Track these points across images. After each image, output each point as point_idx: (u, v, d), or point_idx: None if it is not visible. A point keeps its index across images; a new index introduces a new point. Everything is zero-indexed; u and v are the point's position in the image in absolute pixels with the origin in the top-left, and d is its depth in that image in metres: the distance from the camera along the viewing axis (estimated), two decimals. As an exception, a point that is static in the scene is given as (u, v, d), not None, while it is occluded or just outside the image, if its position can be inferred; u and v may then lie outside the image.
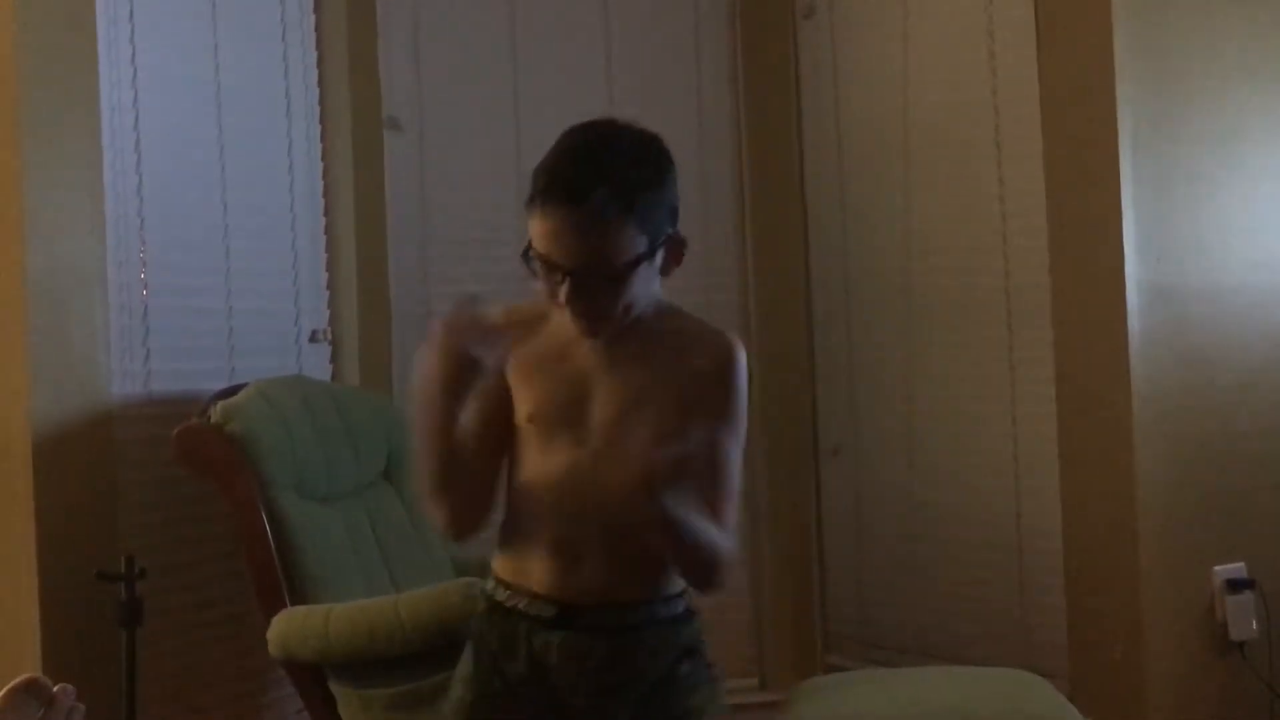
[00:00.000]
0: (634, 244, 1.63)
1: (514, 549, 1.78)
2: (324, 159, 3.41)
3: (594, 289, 1.63)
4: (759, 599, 3.78)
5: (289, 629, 2.58)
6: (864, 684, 2.92)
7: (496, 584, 1.79)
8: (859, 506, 3.63)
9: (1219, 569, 3.13)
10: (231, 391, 2.83)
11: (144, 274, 2.90)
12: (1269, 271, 3.24)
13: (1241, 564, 3.14)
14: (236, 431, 2.70)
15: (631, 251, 1.63)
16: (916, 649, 3.48)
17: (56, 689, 1.24)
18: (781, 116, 3.80)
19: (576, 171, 1.62)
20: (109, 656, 2.50)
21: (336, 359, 3.42)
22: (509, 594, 1.76)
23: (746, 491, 2.24)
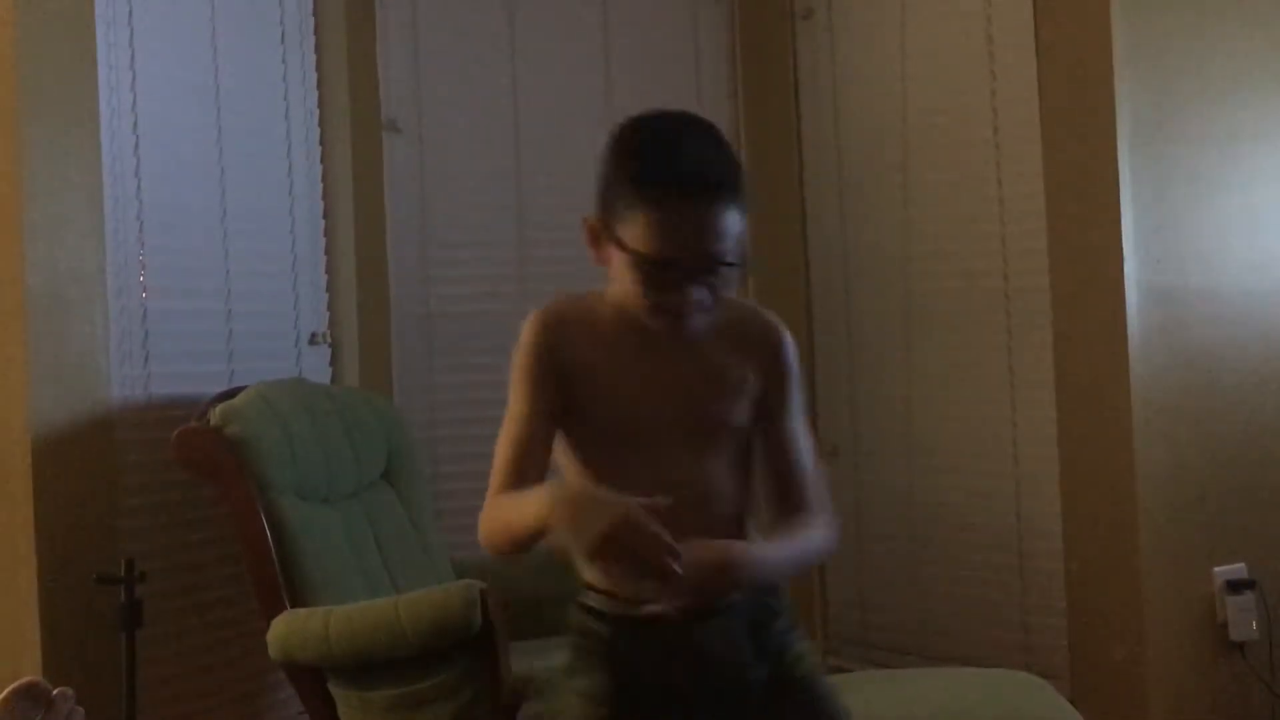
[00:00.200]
0: (742, 230, 1.59)
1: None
2: (323, 161, 3.41)
3: (710, 283, 1.58)
4: (759, 600, 3.77)
5: (289, 631, 2.58)
6: (864, 685, 2.91)
7: (611, 599, 1.66)
8: (859, 507, 3.62)
9: (1219, 570, 3.12)
10: (231, 394, 2.83)
11: (143, 277, 2.90)
12: (1269, 272, 3.24)
13: (1242, 565, 3.14)
14: (236, 434, 2.70)
15: (742, 238, 1.59)
16: (916, 650, 3.48)
17: (56, 692, 1.24)
18: (780, 118, 3.80)
19: (698, 165, 1.56)
20: (109, 659, 2.50)
21: (336, 361, 3.41)
22: (635, 606, 1.62)
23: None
